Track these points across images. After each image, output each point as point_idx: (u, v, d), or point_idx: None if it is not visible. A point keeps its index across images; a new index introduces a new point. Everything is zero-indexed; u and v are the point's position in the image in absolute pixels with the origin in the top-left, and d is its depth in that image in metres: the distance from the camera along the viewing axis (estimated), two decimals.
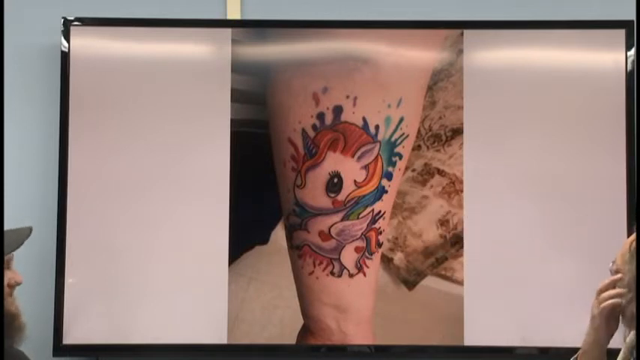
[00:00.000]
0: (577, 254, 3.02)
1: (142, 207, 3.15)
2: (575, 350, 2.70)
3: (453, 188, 3.15)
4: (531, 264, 3.13)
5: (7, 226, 2.40)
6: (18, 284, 2.42)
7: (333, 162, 3.13)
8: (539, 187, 3.15)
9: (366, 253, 3.13)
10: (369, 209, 3.13)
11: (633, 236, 2.23)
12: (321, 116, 3.15)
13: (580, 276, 2.98)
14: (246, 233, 3.15)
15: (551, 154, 3.16)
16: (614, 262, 2.26)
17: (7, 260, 2.39)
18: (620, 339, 2.26)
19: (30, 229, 2.46)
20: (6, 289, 2.36)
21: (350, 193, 3.13)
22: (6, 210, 2.48)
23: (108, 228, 3.15)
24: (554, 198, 3.14)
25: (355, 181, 3.13)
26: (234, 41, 3.18)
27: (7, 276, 2.38)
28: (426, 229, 3.15)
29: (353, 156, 3.14)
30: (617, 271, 2.24)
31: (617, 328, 2.21)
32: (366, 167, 3.14)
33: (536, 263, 3.12)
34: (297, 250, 3.14)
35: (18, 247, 2.41)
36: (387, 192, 3.14)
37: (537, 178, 3.15)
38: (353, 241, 3.13)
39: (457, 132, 3.16)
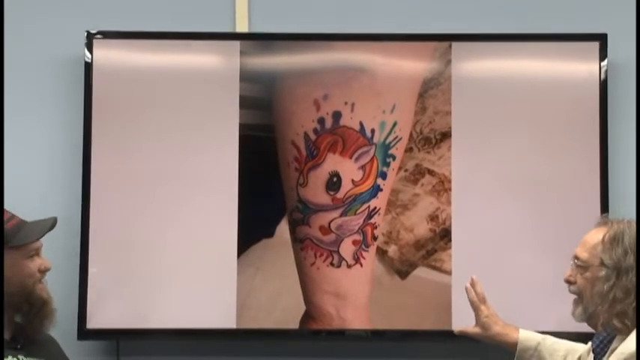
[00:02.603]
0: (554, 247, 3.00)
1: (159, 204, 3.13)
2: (555, 335, 2.71)
3: (442, 187, 3.14)
4: (513, 256, 3.12)
5: None
6: (47, 270, 2.42)
7: (333, 163, 3.14)
8: (521, 185, 3.14)
9: (363, 246, 3.13)
10: (365, 206, 3.13)
11: (600, 233, 2.25)
12: (321, 121, 3.15)
13: (556, 267, 2.56)
14: (253, 228, 3.14)
15: (532, 156, 3.14)
16: (578, 259, 2.28)
17: (37, 248, 2.41)
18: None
19: (55, 219, 2.45)
20: (37, 275, 2.39)
21: (348, 191, 3.13)
22: (35, 206, 2.61)
23: (127, 223, 3.13)
24: (534, 196, 3.13)
25: (353, 180, 3.14)
26: (242, 52, 3.17)
27: (37, 262, 2.39)
28: (417, 224, 3.14)
29: (351, 157, 3.14)
30: (584, 266, 2.25)
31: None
32: (362, 167, 3.14)
33: (518, 255, 3.11)
34: (299, 243, 3.14)
35: (42, 235, 2.42)
36: (381, 190, 3.14)
37: (519, 178, 3.14)
38: (351, 234, 3.13)
39: (446, 135, 3.15)
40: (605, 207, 3.09)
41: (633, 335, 2.11)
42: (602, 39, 3.16)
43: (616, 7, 3.27)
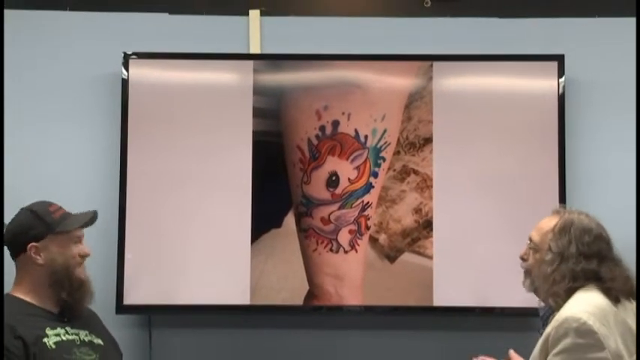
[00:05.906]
0: (519, 235, 2.68)
1: (184, 198, 3.28)
2: (519, 310, 2.96)
3: (425, 184, 3.30)
4: (486, 242, 3.27)
5: None
6: (86, 255, 2.56)
7: (332, 164, 3.29)
8: (492, 183, 3.30)
9: (358, 235, 3.28)
10: (359, 200, 3.29)
11: (553, 221, 2.35)
12: (322, 128, 3.31)
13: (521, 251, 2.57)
14: (264, 219, 3.29)
15: (501, 159, 3.31)
16: (532, 240, 2.38)
17: (79, 236, 2.56)
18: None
19: (95, 212, 2.60)
20: (78, 258, 2.54)
21: (345, 188, 3.29)
22: (78, 202, 2.73)
23: (157, 215, 3.29)
24: (503, 192, 3.30)
25: (349, 178, 3.30)
26: (255, 70, 3.33)
27: (79, 247, 2.55)
28: (404, 216, 3.29)
29: (347, 159, 3.29)
30: (536, 248, 2.35)
31: None
32: (357, 168, 3.29)
33: (490, 242, 3.26)
34: (304, 232, 3.29)
35: (83, 223, 2.56)
36: (373, 187, 3.29)
37: (490, 177, 3.31)
38: (347, 225, 3.28)
39: (428, 141, 3.30)
40: (562, 200, 3.26)
41: (566, 306, 2.24)
42: (559, 59, 3.37)
43: (571, 31, 3.47)
